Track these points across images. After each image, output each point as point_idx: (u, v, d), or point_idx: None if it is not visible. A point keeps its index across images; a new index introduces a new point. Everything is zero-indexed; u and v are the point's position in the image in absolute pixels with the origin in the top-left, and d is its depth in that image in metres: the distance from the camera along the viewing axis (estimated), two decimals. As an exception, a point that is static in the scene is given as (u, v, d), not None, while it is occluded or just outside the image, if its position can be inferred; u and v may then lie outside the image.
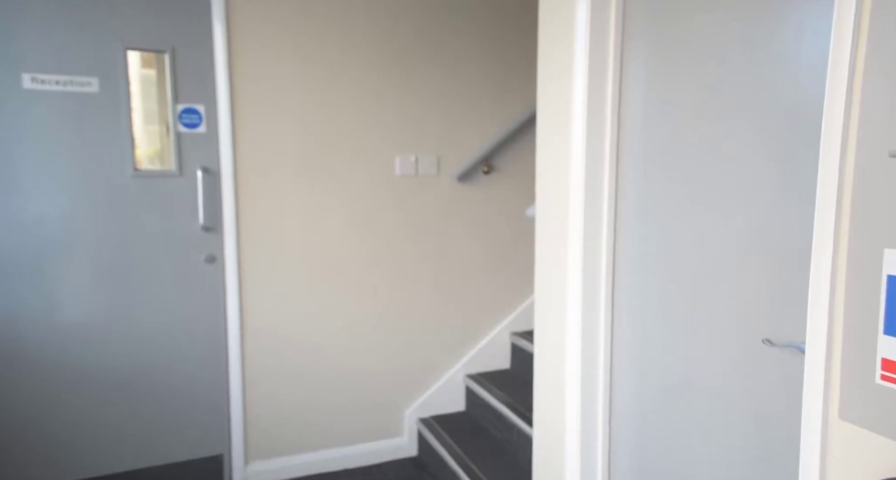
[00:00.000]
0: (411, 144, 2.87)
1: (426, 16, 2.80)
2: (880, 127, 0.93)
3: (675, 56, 1.49)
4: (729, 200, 1.35)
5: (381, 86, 2.77)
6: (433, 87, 2.85)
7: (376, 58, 2.75)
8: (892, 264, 0.92)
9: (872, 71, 0.94)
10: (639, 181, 1.63)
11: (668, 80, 1.51)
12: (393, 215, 2.86)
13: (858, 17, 0.96)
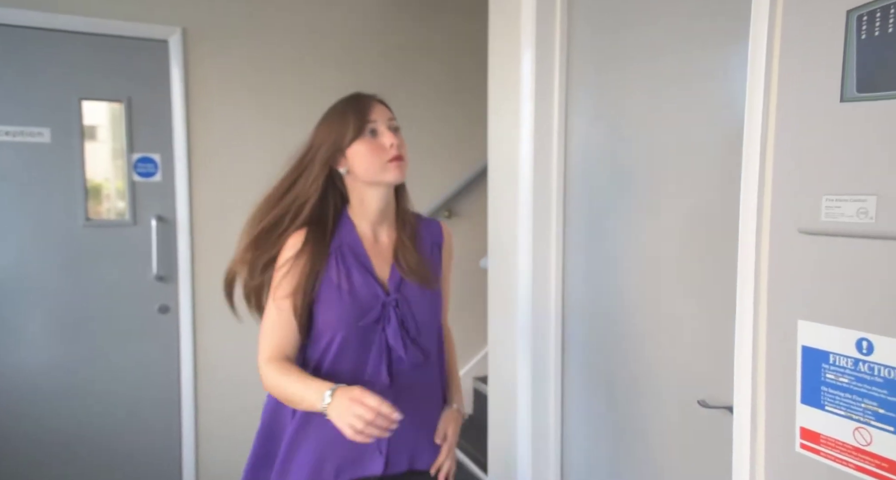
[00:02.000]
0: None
1: (386, 65, 2.86)
2: (790, 204, 0.98)
3: (614, 103, 1.55)
4: (665, 257, 1.39)
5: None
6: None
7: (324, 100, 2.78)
8: (806, 335, 0.96)
9: (782, 151, 1.00)
10: (584, 232, 1.67)
11: (609, 128, 1.57)
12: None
13: (767, 98, 1.02)
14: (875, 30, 0.85)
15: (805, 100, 0.95)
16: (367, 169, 1.16)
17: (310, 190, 1.17)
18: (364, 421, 0.94)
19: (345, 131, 1.16)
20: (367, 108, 1.18)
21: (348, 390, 0.98)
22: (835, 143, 0.90)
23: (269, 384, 1.12)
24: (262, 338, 1.15)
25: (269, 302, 1.16)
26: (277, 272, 1.15)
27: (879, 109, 0.84)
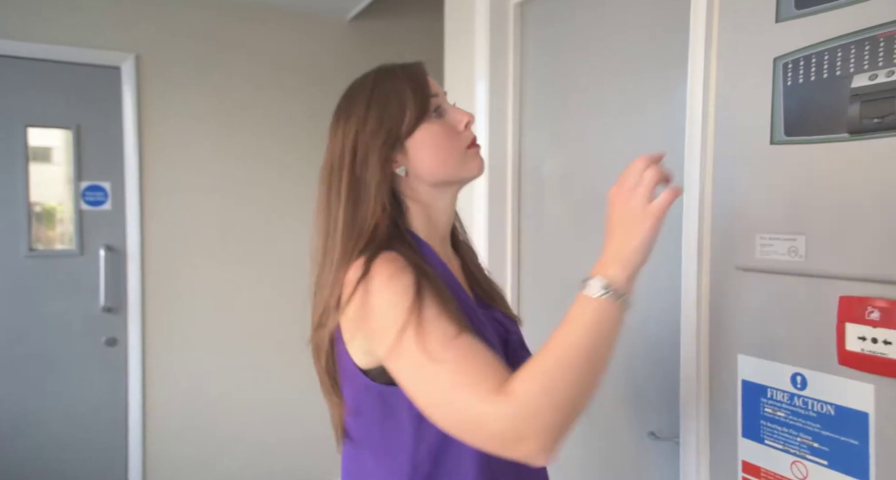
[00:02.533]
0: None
1: (340, 93, 2.87)
2: (729, 242, 1.01)
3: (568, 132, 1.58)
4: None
5: (302, 163, 2.78)
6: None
7: (296, 134, 2.77)
8: (745, 369, 0.98)
9: (720, 190, 1.03)
10: (538, 255, 1.69)
11: (562, 153, 1.60)
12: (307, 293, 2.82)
13: (705, 139, 1.06)
14: (799, 77, 0.89)
15: (739, 142, 0.99)
16: (442, 163, 0.83)
17: (374, 209, 0.79)
18: (650, 178, 0.70)
19: (401, 114, 0.81)
20: (425, 79, 0.85)
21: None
22: (766, 184, 0.94)
23: (544, 390, 0.64)
24: (458, 389, 0.67)
25: (419, 353, 0.68)
26: (411, 314, 0.70)
27: (805, 153, 0.88)
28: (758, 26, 0.95)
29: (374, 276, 0.72)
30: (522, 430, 0.62)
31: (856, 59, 0.82)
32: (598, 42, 1.48)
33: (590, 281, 0.68)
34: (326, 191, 0.83)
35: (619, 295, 0.67)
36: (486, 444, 0.65)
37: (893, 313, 0.77)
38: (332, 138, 0.86)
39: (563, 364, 0.65)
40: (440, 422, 0.68)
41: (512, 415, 0.62)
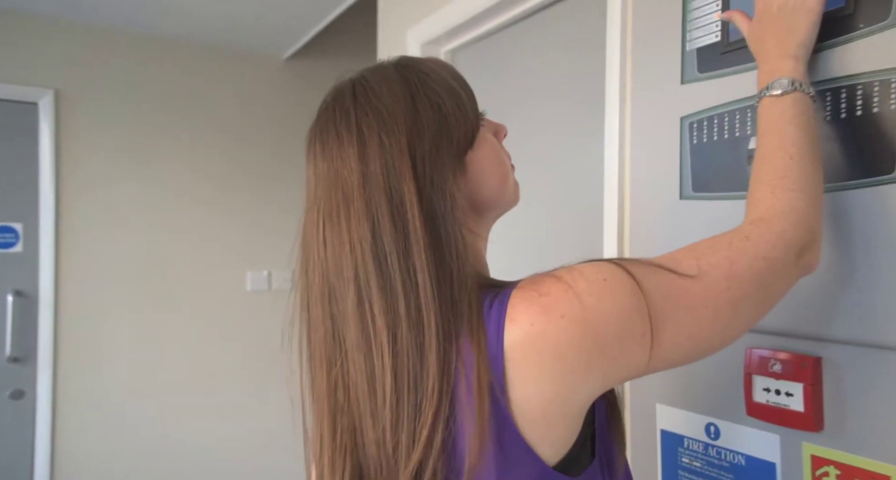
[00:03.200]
0: (264, 259, 2.80)
1: (279, 130, 2.84)
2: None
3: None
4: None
5: (231, 200, 2.72)
6: (287, 201, 2.84)
7: (225, 172, 2.71)
8: (664, 419, 1.00)
9: (636, 242, 1.06)
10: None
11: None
12: (244, 332, 2.72)
13: (622, 192, 1.09)
14: (703, 136, 0.93)
15: (652, 197, 1.02)
16: (503, 181, 0.68)
17: (462, 249, 0.58)
18: None
19: (464, 118, 0.63)
20: (470, 88, 0.68)
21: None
22: (677, 238, 0.97)
23: (795, 194, 0.61)
24: (739, 260, 0.57)
25: (690, 289, 0.55)
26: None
27: (711, 208, 0.92)
28: (666, 87, 0.99)
29: (581, 293, 0.51)
30: (802, 236, 0.60)
31: (752, 122, 0.86)
32: (524, 93, 1.52)
33: (772, 83, 0.67)
34: (371, 239, 0.55)
35: (807, 88, 0.66)
36: (786, 271, 0.60)
37: (794, 365, 0.79)
38: (338, 161, 0.59)
39: (796, 159, 0.62)
40: (759, 303, 0.59)
41: (791, 228, 0.60)
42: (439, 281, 0.55)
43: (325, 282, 0.59)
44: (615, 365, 0.52)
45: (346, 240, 0.57)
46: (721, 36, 0.90)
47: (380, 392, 0.54)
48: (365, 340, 0.56)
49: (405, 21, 1.81)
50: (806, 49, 0.69)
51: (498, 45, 1.62)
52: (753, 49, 0.73)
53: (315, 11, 2.40)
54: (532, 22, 1.50)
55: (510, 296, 0.53)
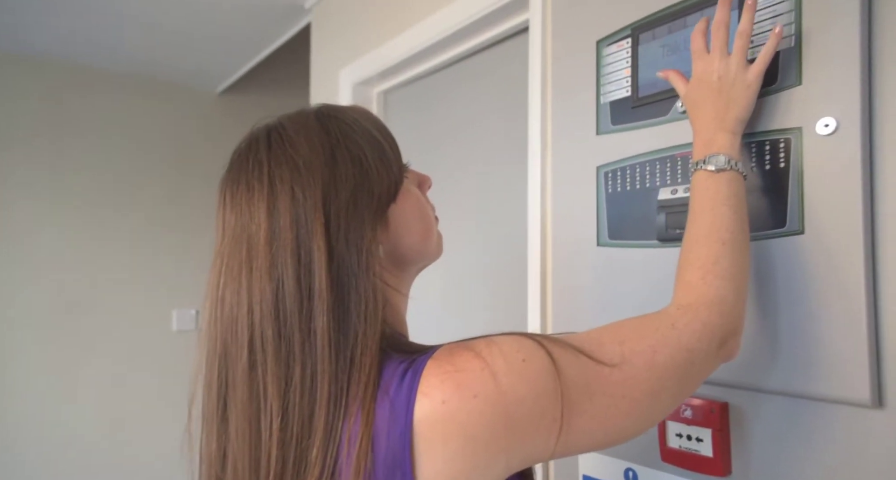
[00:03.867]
0: (193, 297, 2.69)
1: (210, 165, 2.77)
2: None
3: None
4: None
5: (158, 236, 2.61)
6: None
7: (151, 207, 2.62)
8: (586, 465, 1.00)
9: (558, 289, 1.08)
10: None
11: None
12: (170, 375, 2.59)
13: (544, 238, 1.11)
14: (618, 186, 0.97)
15: (572, 243, 1.05)
16: (426, 233, 0.67)
17: (375, 309, 0.55)
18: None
19: (387, 171, 0.62)
20: (394, 139, 0.68)
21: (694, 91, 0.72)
22: (596, 284, 1.00)
23: (718, 277, 0.63)
24: (636, 331, 0.59)
25: (605, 375, 0.54)
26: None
27: (626, 255, 0.95)
28: (583, 138, 1.03)
29: (498, 373, 0.49)
30: (726, 327, 0.62)
31: (660, 174, 0.90)
32: (454, 136, 1.55)
33: (709, 158, 0.68)
34: (272, 300, 0.53)
35: (741, 167, 0.68)
36: (707, 362, 0.61)
37: (703, 411, 0.82)
38: (246, 214, 0.56)
39: (728, 245, 0.64)
40: (672, 396, 0.58)
41: (717, 319, 0.61)
42: (339, 347, 0.52)
43: (220, 344, 0.57)
44: (521, 449, 0.51)
45: (245, 300, 0.55)
46: (631, 91, 0.94)
47: (263, 464, 0.52)
48: (254, 408, 0.53)
49: (338, 61, 1.82)
50: (742, 124, 0.71)
51: (429, 87, 1.64)
52: (690, 113, 0.74)
53: (250, 47, 2.38)
54: (462, 67, 1.54)
55: (424, 367, 0.51)
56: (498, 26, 1.34)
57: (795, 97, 0.74)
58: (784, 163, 0.75)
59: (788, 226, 0.74)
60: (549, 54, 1.13)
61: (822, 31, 0.72)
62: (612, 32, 0.98)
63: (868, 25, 0.70)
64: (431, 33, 1.43)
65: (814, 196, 0.72)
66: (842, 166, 0.70)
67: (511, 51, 1.36)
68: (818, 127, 0.72)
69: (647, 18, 0.93)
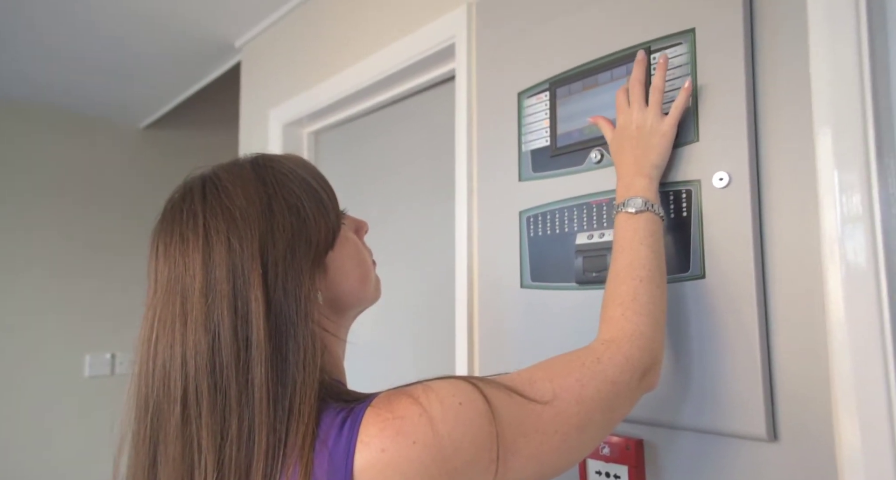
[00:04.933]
0: (107, 340, 2.55)
1: (131, 201, 2.67)
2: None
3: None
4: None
5: (70, 277, 2.47)
6: (135, 277, 2.63)
7: (64, 245, 2.48)
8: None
9: (483, 330, 1.10)
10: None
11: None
12: (82, 424, 2.42)
13: (471, 286, 1.14)
14: (539, 230, 1.01)
15: (497, 285, 1.08)
16: (364, 278, 0.68)
17: (313, 358, 0.55)
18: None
19: (324, 219, 0.63)
20: (331, 187, 0.69)
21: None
22: (520, 324, 1.03)
23: (637, 314, 0.68)
24: (560, 369, 0.62)
25: (536, 410, 0.57)
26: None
27: (547, 297, 0.99)
28: (506, 183, 1.07)
29: (435, 418, 0.50)
30: (646, 360, 0.66)
31: (578, 220, 0.95)
32: (384, 178, 1.57)
33: (628, 201, 0.73)
34: (208, 352, 0.53)
35: (657, 209, 0.74)
36: (630, 394, 0.65)
37: (620, 448, 0.85)
38: (180, 266, 0.56)
39: (645, 281, 0.69)
40: (604, 425, 0.62)
41: (637, 353, 0.65)
42: (277, 397, 0.52)
43: (151, 399, 0.55)
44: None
45: (179, 353, 0.54)
46: (550, 141, 1.00)
47: None
48: (187, 464, 0.52)
49: (267, 101, 1.82)
50: (659, 169, 0.78)
51: (360, 130, 1.67)
52: (614, 160, 0.81)
53: (177, 82, 2.34)
54: (392, 111, 1.57)
55: (363, 416, 0.51)
56: (426, 73, 1.38)
57: (695, 152, 0.81)
58: (686, 213, 0.81)
59: (692, 271, 0.80)
60: (475, 103, 1.18)
61: (713, 91, 0.80)
62: (531, 85, 1.04)
63: (753, 86, 0.78)
64: (362, 78, 1.47)
65: (712, 243, 0.79)
66: (735, 216, 0.77)
67: (440, 97, 1.41)
68: (714, 180, 0.79)
69: (563, 74, 0.99)
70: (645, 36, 0.88)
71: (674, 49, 0.84)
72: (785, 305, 0.74)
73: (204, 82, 2.26)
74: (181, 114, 2.66)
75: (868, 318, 0.66)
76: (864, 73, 0.69)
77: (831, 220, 0.70)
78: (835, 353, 0.68)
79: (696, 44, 0.82)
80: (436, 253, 1.38)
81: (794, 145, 0.74)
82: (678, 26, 0.84)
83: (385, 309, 1.48)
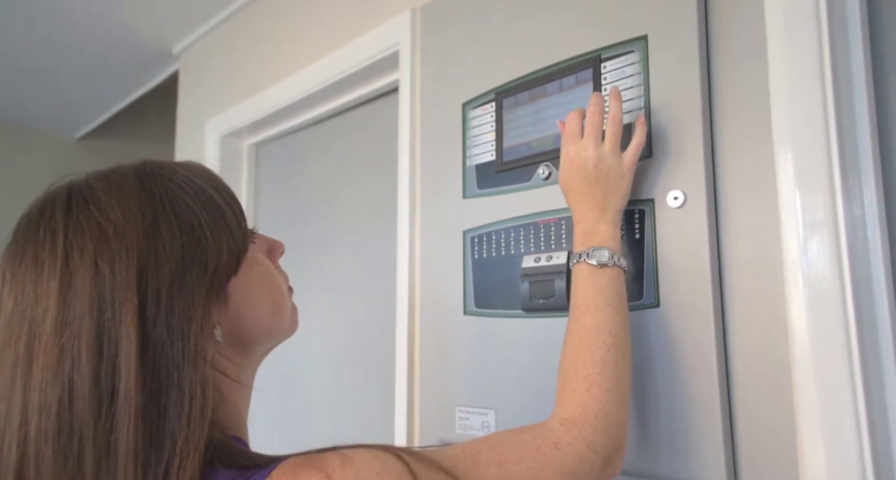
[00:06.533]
0: None
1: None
2: (434, 414, 0.98)
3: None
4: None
5: None
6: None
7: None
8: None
9: (425, 361, 1.01)
10: (264, 430, 1.51)
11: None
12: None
13: (412, 312, 1.05)
14: (483, 252, 0.93)
15: (439, 311, 0.99)
16: (276, 309, 0.57)
17: (200, 408, 0.45)
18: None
19: (226, 249, 0.51)
20: (225, 184, 0.57)
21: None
22: (462, 353, 0.94)
23: (602, 390, 0.59)
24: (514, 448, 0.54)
25: None
26: None
27: (492, 325, 0.90)
28: (450, 201, 0.99)
29: None
30: (610, 446, 0.58)
31: (524, 241, 0.87)
32: (326, 192, 1.48)
33: (592, 251, 0.64)
34: (57, 407, 0.43)
35: (622, 262, 0.65)
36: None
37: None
38: (30, 296, 0.45)
39: (612, 350, 0.60)
40: None
41: (602, 438, 0.57)
42: (148, 463, 0.42)
43: None
44: None
45: (18, 409, 0.43)
46: (496, 155, 0.92)
47: None
48: None
49: (205, 111, 1.71)
50: (620, 214, 0.69)
51: (302, 142, 1.57)
52: (567, 197, 0.70)
53: (114, 91, 2.20)
54: (336, 122, 1.48)
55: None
56: (370, 83, 1.31)
57: (648, 169, 0.74)
58: (639, 234, 0.74)
59: (645, 299, 0.73)
60: (418, 114, 1.10)
61: (667, 104, 0.74)
62: (477, 95, 0.97)
63: (709, 98, 0.72)
64: (304, 86, 1.38)
65: (667, 268, 0.72)
66: (691, 238, 0.70)
67: (385, 108, 1.33)
68: (668, 199, 0.72)
69: (509, 83, 0.92)
70: (595, 43, 0.82)
71: (625, 57, 0.78)
72: (745, 336, 0.67)
73: (142, 91, 2.13)
74: (119, 125, 2.51)
75: (835, 348, 0.60)
76: (827, 85, 0.63)
77: (793, 243, 0.64)
78: (799, 387, 0.62)
79: (648, 52, 0.76)
80: (379, 275, 1.28)
81: (753, 162, 0.69)
82: (629, 33, 0.78)
83: (319, 338, 1.38)
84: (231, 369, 0.54)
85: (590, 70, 0.82)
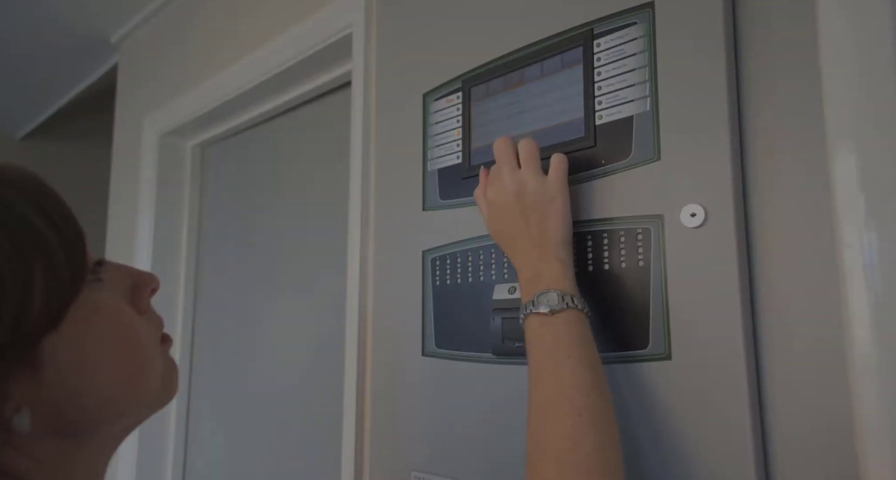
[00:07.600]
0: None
1: None
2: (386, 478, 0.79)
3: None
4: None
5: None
6: None
7: None
8: None
9: (378, 415, 0.82)
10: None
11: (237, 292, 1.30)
12: None
13: (363, 354, 0.87)
14: (447, 277, 0.75)
15: (394, 352, 0.81)
16: (122, 383, 0.39)
17: None
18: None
19: (42, 293, 0.35)
20: (56, 200, 0.38)
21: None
22: (419, 399, 0.75)
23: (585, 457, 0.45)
24: None
25: None
26: None
27: (456, 370, 0.72)
28: (408, 214, 0.81)
29: None
30: None
31: (496, 265, 0.69)
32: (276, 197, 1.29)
33: (538, 298, 0.51)
34: None
35: (579, 302, 0.52)
36: None
37: None
38: None
39: (586, 416, 0.46)
40: None
41: None
42: None
43: None
44: None
45: None
46: (462, 158, 0.74)
47: None
48: None
49: (143, 107, 1.51)
50: (566, 247, 0.56)
51: (251, 142, 1.38)
52: (503, 249, 0.60)
53: (54, 87, 2.00)
54: (285, 120, 1.30)
55: None
56: (320, 75, 1.12)
57: (654, 175, 0.57)
58: (643, 262, 0.56)
59: (652, 348, 0.55)
60: (373, 108, 0.91)
61: (680, 88, 0.56)
62: (440, 84, 0.79)
63: (737, 82, 0.54)
64: (249, 76, 1.19)
65: (681, 308, 0.54)
66: (713, 268, 0.52)
67: (339, 104, 1.15)
68: (683, 216, 0.54)
69: (480, 69, 0.74)
70: (586, 15, 0.64)
71: (625, 31, 0.61)
72: (791, 409, 0.49)
73: (83, 85, 1.93)
74: (62, 124, 2.30)
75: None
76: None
77: (858, 274, 0.46)
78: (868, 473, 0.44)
79: (655, 24, 0.58)
80: (330, 292, 1.10)
81: (797, 165, 0.51)
82: (630, 1, 0.60)
83: (260, 372, 1.19)
84: (57, 461, 0.37)
85: (579, 49, 0.64)
